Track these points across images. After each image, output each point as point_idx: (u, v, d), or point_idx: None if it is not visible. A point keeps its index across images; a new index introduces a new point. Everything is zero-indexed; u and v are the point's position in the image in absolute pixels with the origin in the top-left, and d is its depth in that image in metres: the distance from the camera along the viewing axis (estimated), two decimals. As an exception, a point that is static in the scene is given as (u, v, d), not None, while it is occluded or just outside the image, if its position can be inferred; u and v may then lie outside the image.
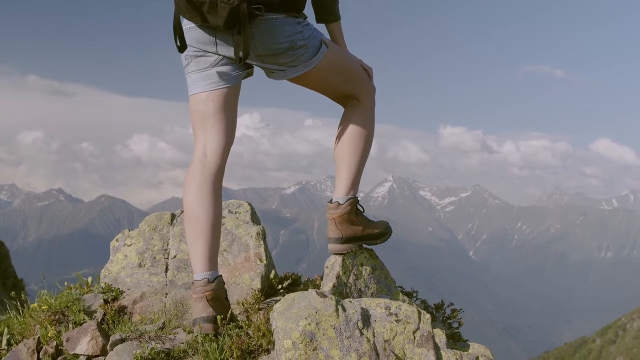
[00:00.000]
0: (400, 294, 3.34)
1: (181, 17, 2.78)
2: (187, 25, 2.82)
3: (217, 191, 2.90)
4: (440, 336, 2.76)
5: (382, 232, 3.31)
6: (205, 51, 2.84)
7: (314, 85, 3.08)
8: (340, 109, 3.24)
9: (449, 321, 3.70)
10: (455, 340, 3.60)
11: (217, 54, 2.83)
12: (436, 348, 2.70)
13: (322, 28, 3.09)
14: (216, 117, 2.90)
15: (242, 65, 2.88)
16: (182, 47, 2.79)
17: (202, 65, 2.86)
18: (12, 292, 3.60)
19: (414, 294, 3.62)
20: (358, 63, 3.15)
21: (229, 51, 2.80)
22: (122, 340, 2.69)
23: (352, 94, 3.12)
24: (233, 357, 2.56)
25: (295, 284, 3.48)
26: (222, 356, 2.57)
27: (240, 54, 2.69)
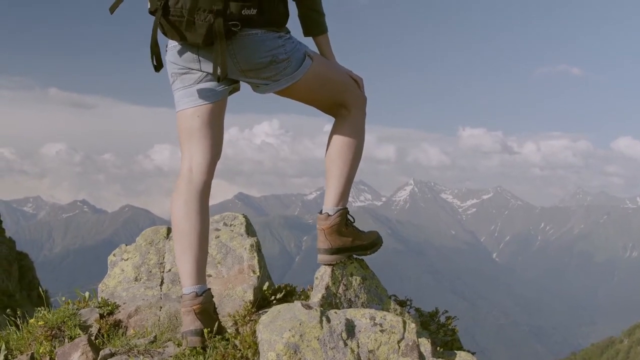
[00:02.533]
0: (392, 302, 3.36)
1: (163, 35, 2.83)
2: (171, 43, 2.88)
3: (203, 206, 2.94)
4: (426, 345, 2.78)
5: (373, 242, 3.33)
6: (189, 68, 2.88)
7: (300, 97, 3.10)
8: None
9: (443, 329, 3.72)
10: (450, 348, 3.63)
11: (201, 71, 2.87)
12: (421, 357, 2.72)
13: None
14: (202, 133, 2.94)
15: (227, 81, 2.93)
16: (158, 67, 2.82)
17: (187, 82, 2.91)
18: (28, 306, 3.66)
19: (408, 303, 3.65)
20: (346, 74, 3.17)
21: (212, 68, 2.85)
22: (112, 355, 2.74)
23: (340, 104, 3.14)
24: (219, 370, 2.61)
25: (290, 295, 3.51)
26: (208, 369, 2.62)
27: (219, 71, 2.72)
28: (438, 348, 3.17)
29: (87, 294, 3.59)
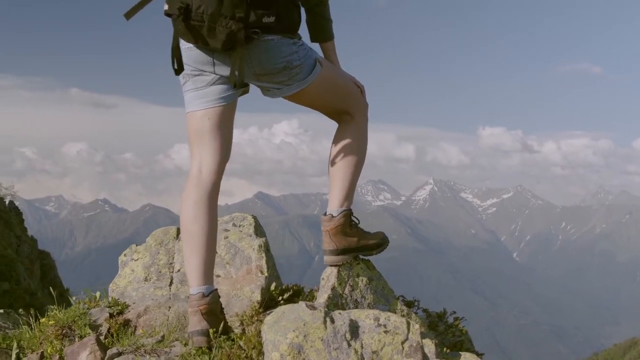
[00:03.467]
0: (399, 303, 3.38)
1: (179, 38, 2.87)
2: (185, 45, 2.91)
3: (212, 207, 2.98)
4: (430, 346, 2.79)
5: (378, 242, 3.36)
6: (202, 70, 2.92)
7: (308, 102, 3.16)
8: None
9: (452, 329, 3.73)
10: (459, 349, 3.64)
11: (215, 74, 2.91)
12: (425, 358, 2.72)
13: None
14: (212, 135, 2.98)
15: (233, 85, 2.96)
16: (179, 70, 2.88)
17: (199, 84, 2.95)
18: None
19: (416, 303, 3.66)
20: (351, 80, 3.24)
21: (226, 71, 2.89)
22: (119, 354, 2.79)
23: (345, 110, 3.21)
24: (223, 370, 2.64)
25: (297, 295, 3.54)
26: (213, 368, 2.65)
27: (236, 76, 2.77)
28: (445, 349, 3.19)
29: (97, 293, 3.64)
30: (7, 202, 26.38)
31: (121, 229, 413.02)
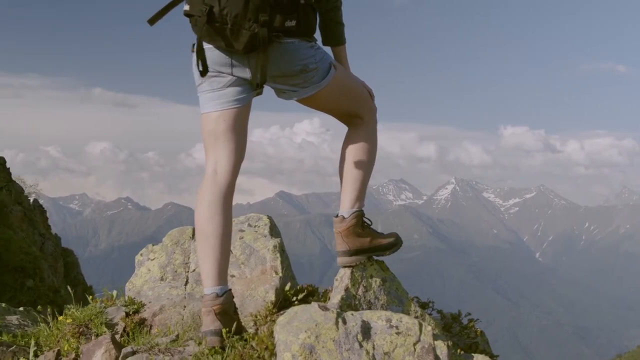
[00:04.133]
0: (413, 304, 3.38)
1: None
2: (205, 46, 2.94)
3: (227, 208, 3.00)
4: (442, 348, 2.78)
5: (392, 242, 3.36)
6: (219, 72, 2.94)
7: (321, 105, 3.20)
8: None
9: (466, 331, 3.72)
10: (473, 351, 3.63)
11: (232, 75, 2.94)
12: (437, 360, 2.73)
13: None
14: (227, 136, 3.00)
15: (254, 86, 2.99)
16: (205, 71, 2.89)
17: (215, 86, 2.97)
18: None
19: (430, 305, 3.66)
20: (361, 84, 3.28)
21: (244, 72, 2.92)
22: (133, 353, 2.81)
23: (355, 113, 3.26)
24: (236, 369, 2.66)
25: (311, 296, 3.55)
26: (225, 368, 2.68)
27: (259, 78, 2.82)
28: (459, 351, 3.18)
29: (114, 292, 3.69)
30: (31, 200, 26.65)
31: (144, 227, 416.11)
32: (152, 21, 2.84)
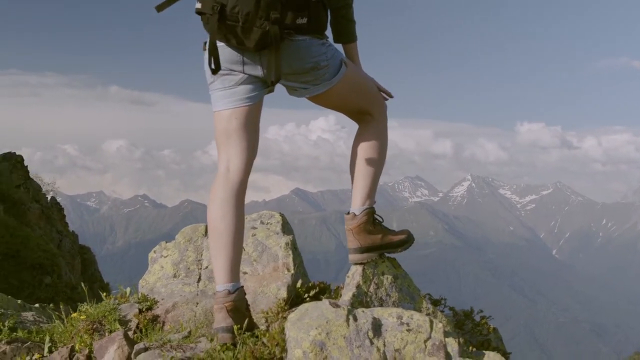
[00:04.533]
0: (425, 301, 3.37)
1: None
2: (217, 44, 2.96)
3: (239, 206, 3.01)
4: (453, 345, 2.78)
5: (404, 239, 3.36)
6: (231, 70, 2.95)
7: (331, 102, 3.20)
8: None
9: (478, 328, 3.71)
10: (485, 348, 3.62)
11: (243, 73, 2.95)
12: (448, 357, 2.72)
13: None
14: (239, 134, 3.02)
15: (265, 83, 3.00)
16: (217, 69, 2.90)
17: (227, 84, 2.98)
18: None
19: (442, 302, 3.65)
20: (372, 81, 3.27)
21: (255, 70, 2.93)
22: (146, 349, 2.84)
23: (366, 110, 3.25)
24: (247, 366, 2.68)
25: (323, 293, 3.56)
26: (236, 365, 2.69)
27: (273, 75, 2.83)
28: (471, 348, 3.18)
29: (128, 289, 3.72)
30: (49, 198, 26.88)
31: (160, 225, 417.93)
32: (160, 8, 2.87)
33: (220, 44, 2.91)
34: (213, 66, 2.89)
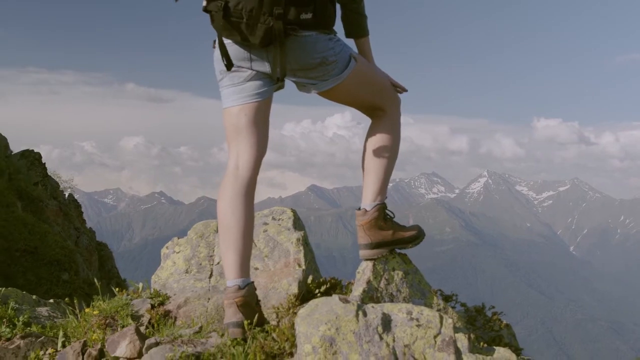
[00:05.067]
0: (436, 297, 3.37)
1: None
2: (224, 41, 2.97)
3: (248, 202, 3.02)
4: (463, 340, 2.78)
5: (414, 235, 3.36)
6: (239, 66, 2.97)
7: (342, 97, 3.18)
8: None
9: (490, 324, 3.70)
10: (497, 344, 3.61)
11: (251, 69, 2.96)
12: (457, 352, 2.72)
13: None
14: (248, 130, 3.03)
15: (274, 80, 3.00)
16: (230, 65, 2.92)
17: (235, 80, 3.00)
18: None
19: (454, 298, 3.65)
20: (384, 76, 3.26)
21: (263, 67, 2.94)
22: (157, 344, 2.86)
23: (378, 105, 3.23)
24: (257, 360, 2.69)
25: (334, 289, 3.57)
26: (247, 359, 2.71)
27: (278, 72, 2.83)
28: (482, 344, 3.17)
29: (140, 285, 3.75)
30: (66, 195, 27.10)
31: (177, 221, 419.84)
32: None
33: (227, 41, 2.93)
34: (225, 62, 2.91)
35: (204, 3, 2.85)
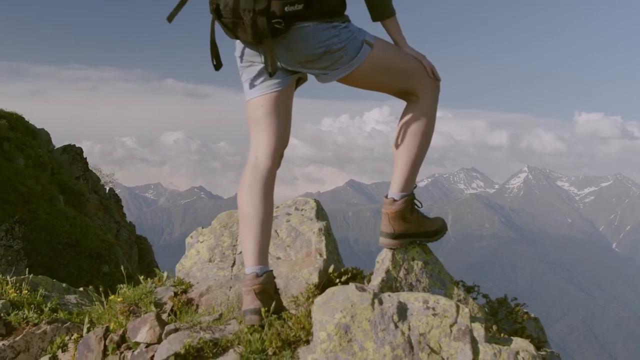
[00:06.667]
0: (456, 288, 3.35)
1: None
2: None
3: (267, 192, 3.05)
4: (479, 330, 2.76)
5: (437, 230, 3.34)
6: (252, 61, 3.01)
7: (363, 84, 3.11)
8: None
9: (512, 316, 3.67)
10: (520, 336, 3.58)
11: (262, 63, 2.99)
12: (473, 342, 2.71)
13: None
14: (267, 121, 3.06)
15: (287, 72, 3.02)
16: (218, 66, 3.01)
17: (251, 74, 3.04)
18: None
19: (476, 289, 3.62)
20: (414, 59, 3.10)
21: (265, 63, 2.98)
22: (176, 330, 2.91)
23: (408, 90, 3.11)
24: (273, 347, 2.72)
25: (354, 279, 3.57)
26: (263, 346, 2.74)
27: (269, 67, 2.84)
28: (503, 335, 3.15)
29: (165, 273, 3.81)
30: (107, 189, 27.59)
31: (216, 216, 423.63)
32: (170, 18, 2.96)
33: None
34: (214, 62, 2.99)
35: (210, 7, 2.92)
